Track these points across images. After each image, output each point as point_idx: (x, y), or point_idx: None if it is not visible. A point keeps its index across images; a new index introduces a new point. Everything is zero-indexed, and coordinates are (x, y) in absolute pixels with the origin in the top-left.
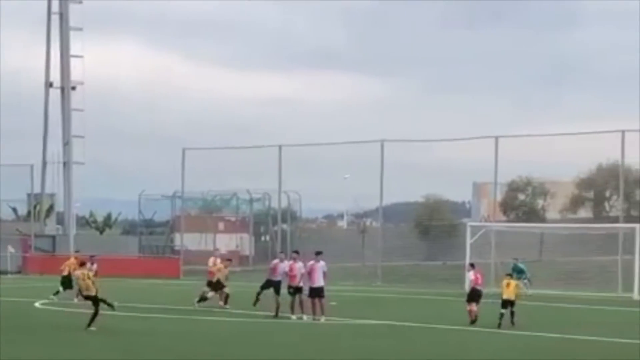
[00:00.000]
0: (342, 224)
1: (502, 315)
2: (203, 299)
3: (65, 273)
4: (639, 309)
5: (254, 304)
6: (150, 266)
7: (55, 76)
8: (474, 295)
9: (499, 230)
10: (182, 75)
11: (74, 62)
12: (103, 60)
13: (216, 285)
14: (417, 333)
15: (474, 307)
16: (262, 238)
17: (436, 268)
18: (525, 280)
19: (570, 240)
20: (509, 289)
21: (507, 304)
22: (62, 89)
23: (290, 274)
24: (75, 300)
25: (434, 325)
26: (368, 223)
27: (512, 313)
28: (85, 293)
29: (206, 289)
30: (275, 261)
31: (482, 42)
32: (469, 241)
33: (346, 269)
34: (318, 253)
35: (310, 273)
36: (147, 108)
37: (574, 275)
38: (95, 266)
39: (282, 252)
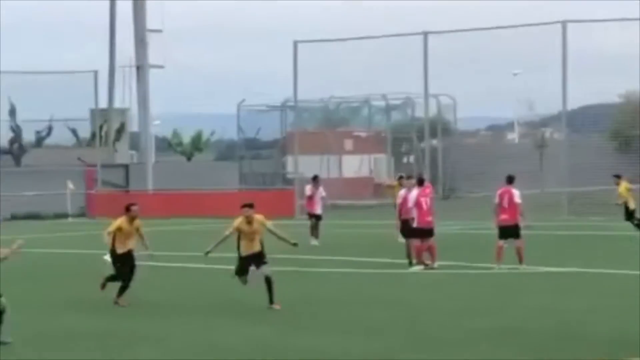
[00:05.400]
0: (513, 136)
1: None
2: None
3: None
4: None
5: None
6: (254, 202)
7: None
8: None
9: None
10: None
11: None
12: None
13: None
14: (621, 282)
15: None
16: (405, 159)
17: None
18: None
19: None
20: None
21: None
22: None
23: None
24: None
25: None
26: (547, 135)
27: None
28: None
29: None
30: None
31: None
32: None
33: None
34: (421, 180)
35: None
36: None
37: None
38: None
39: (402, 177)
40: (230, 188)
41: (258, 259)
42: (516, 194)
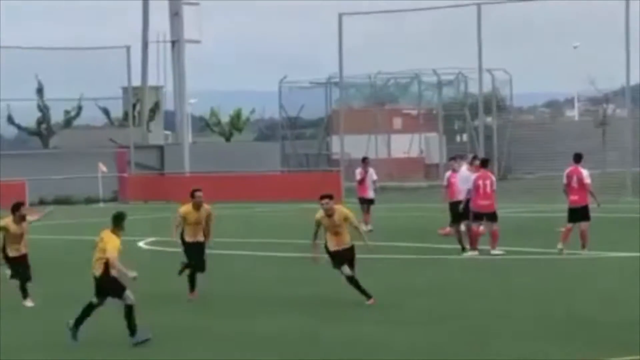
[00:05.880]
0: (573, 113)
1: None
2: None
3: None
4: None
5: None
6: (297, 185)
7: None
8: None
9: None
10: None
11: None
12: None
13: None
14: None
15: None
16: (458, 138)
17: None
18: None
19: None
20: None
21: None
22: None
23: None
24: None
25: None
26: (610, 111)
27: None
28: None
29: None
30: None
31: None
32: None
33: None
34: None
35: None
36: None
37: None
38: None
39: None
40: (272, 170)
41: (349, 256)
42: (585, 173)
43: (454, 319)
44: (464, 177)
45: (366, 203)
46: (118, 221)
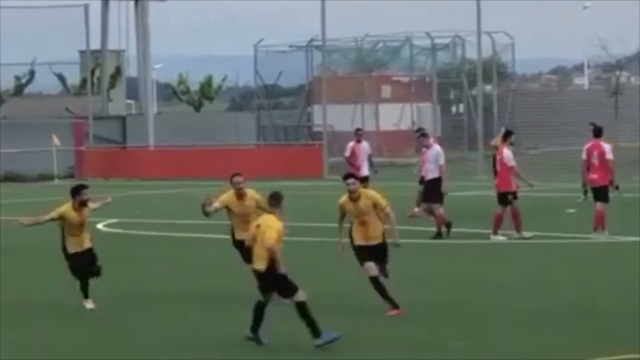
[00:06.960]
0: (582, 81)
1: None
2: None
3: None
4: None
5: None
6: (275, 160)
7: None
8: None
9: None
10: None
11: None
12: None
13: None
14: None
15: None
16: (453, 108)
17: None
18: None
19: None
20: None
21: None
22: None
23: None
24: None
25: None
26: (623, 79)
27: None
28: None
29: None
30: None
31: None
32: None
33: None
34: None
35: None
36: None
37: None
38: None
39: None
40: (247, 143)
41: (378, 253)
42: (607, 148)
43: (453, 309)
44: (435, 153)
45: (360, 182)
46: (274, 201)
